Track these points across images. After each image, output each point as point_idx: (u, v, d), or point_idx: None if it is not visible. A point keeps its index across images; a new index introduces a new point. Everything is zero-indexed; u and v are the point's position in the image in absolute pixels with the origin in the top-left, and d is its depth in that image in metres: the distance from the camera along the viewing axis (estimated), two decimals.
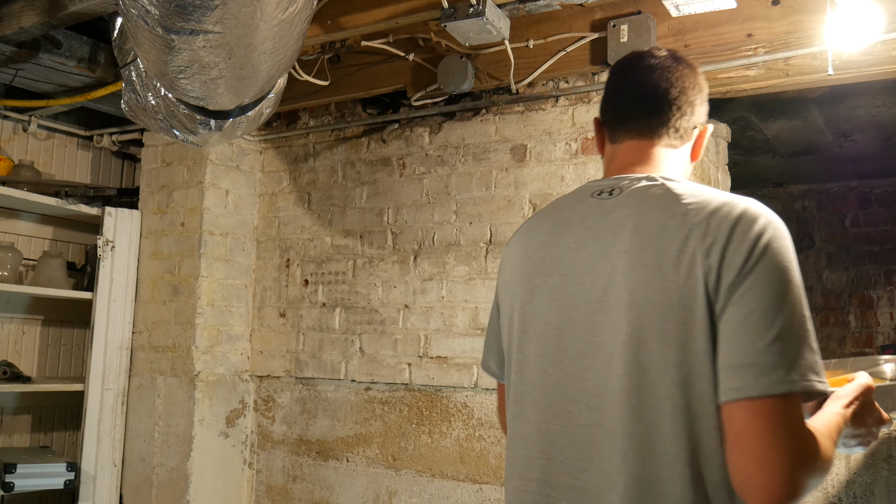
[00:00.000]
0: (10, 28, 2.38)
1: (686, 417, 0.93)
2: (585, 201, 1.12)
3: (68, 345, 3.36)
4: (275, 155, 3.25)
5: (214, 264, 3.07)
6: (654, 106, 1.15)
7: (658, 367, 0.95)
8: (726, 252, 0.93)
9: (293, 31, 1.83)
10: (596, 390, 1.00)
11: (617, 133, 1.19)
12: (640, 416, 0.95)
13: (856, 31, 2.04)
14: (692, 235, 0.96)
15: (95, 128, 3.41)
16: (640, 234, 1.00)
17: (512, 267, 1.18)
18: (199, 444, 2.95)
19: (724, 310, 0.92)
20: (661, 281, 0.96)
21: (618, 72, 1.24)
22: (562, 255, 1.09)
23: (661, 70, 1.16)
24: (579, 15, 2.49)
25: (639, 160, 1.14)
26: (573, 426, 1.02)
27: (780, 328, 0.90)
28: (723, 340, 0.92)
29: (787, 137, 3.98)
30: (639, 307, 0.97)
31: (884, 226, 4.91)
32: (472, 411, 2.62)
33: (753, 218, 0.96)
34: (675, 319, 0.94)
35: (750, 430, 0.88)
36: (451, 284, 2.72)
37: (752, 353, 0.89)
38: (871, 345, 4.86)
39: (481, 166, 2.71)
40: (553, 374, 1.05)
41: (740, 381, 0.89)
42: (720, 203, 0.98)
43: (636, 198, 1.06)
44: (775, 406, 0.88)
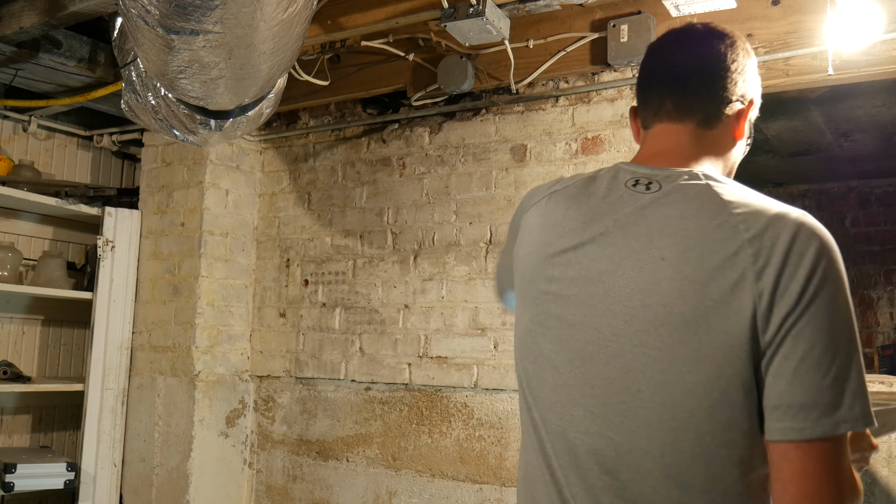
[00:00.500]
0: (10, 28, 2.37)
1: (710, 444, 0.88)
2: (618, 190, 1.01)
3: (68, 345, 3.36)
4: (275, 155, 3.25)
5: (214, 264, 3.07)
6: (688, 86, 1.05)
7: (684, 389, 0.89)
8: (781, 277, 0.86)
9: (293, 31, 1.83)
10: (605, 399, 0.94)
11: (647, 118, 1.10)
12: (659, 437, 0.90)
13: (856, 31, 2.04)
14: (742, 253, 0.88)
15: (95, 128, 3.42)
16: (681, 242, 0.92)
17: (529, 249, 1.08)
18: (199, 444, 2.95)
19: (780, 343, 0.86)
20: (701, 298, 0.89)
21: (648, 53, 1.13)
22: (585, 247, 1.00)
23: (689, 46, 1.07)
24: (579, 15, 2.49)
25: (673, 147, 1.05)
26: (573, 431, 0.97)
27: (841, 364, 0.85)
28: (777, 376, 0.86)
29: (787, 137, 3.99)
30: (672, 323, 0.90)
31: (884, 226, 4.92)
32: (472, 411, 2.62)
33: (809, 237, 0.88)
34: (711, 342, 0.88)
35: (807, 471, 0.85)
36: (451, 284, 2.72)
37: (814, 392, 0.84)
38: (871, 345, 4.87)
39: (481, 166, 2.71)
40: (563, 372, 0.99)
41: (801, 422, 0.84)
42: (773, 216, 0.90)
43: (677, 198, 0.96)
44: (832, 447, 0.85)
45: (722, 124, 1.06)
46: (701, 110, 1.05)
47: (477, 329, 2.64)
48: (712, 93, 1.04)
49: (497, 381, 2.57)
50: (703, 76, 1.05)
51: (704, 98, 1.05)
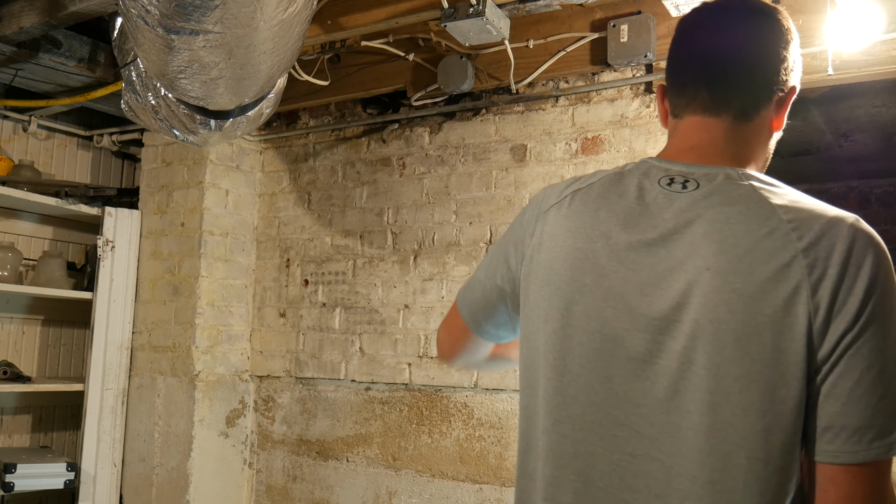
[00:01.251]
0: (10, 28, 2.37)
1: (763, 471, 0.82)
2: (652, 190, 0.94)
3: (68, 345, 3.36)
4: (275, 155, 3.25)
5: (214, 264, 3.07)
6: (720, 74, 0.96)
7: (736, 411, 0.83)
8: (839, 292, 0.81)
9: (293, 31, 1.83)
10: (652, 419, 0.87)
11: (678, 105, 1.00)
12: (709, 462, 0.84)
13: (856, 31, 2.04)
14: (795, 263, 0.82)
15: (95, 128, 3.42)
16: (728, 252, 0.85)
17: (554, 254, 0.97)
18: (199, 444, 2.95)
19: (836, 362, 0.81)
20: (753, 313, 0.82)
21: (682, 29, 1.02)
22: (621, 254, 0.92)
23: (731, 26, 0.96)
24: (579, 15, 2.49)
25: (707, 143, 0.96)
26: (618, 452, 0.89)
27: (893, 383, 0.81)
28: (831, 396, 0.81)
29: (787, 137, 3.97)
30: (722, 339, 0.83)
31: (884, 226, 4.92)
32: (472, 411, 2.62)
33: (866, 246, 0.83)
34: (764, 360, 0.82)
35: (855, 495, 0.81)
36: (451, 284, 2.72)
37: (870, 415, 0.80)
38: None
39: (481, 166, 2.71)
40: (600, 391, 0.91)
41: (854, 446, 0.80)
42: (826, 223, 0.84)
43: (719, 200, 0.89)
44: (882, 470, 0.82)
45: (760, 116, 0.97)
46: (740, 102, 0.96)
47: None
48: (754, 84, 0.96)
49: (497, 381, 2.57)
50: (746, 65, 0.95)
51: (745, 89, 0.96)
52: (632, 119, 2.45)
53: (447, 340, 1.20)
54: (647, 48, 2.32)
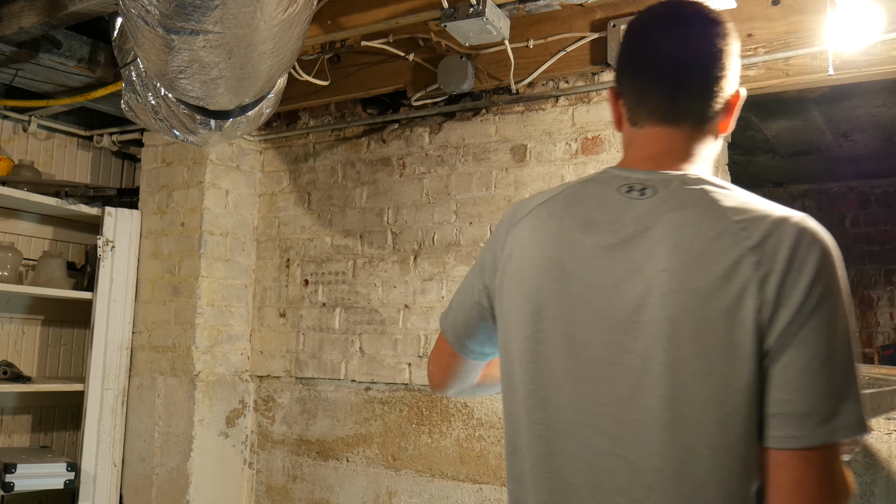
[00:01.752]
0: (10, 28, 2.38)
1: (724, 459, 0.86)
2: (612, 198, 0.98)
3: (68, 345, 3.36)
4: (275, 155, 3.25)
5: (214, 264, 3.07)
6: (682, 88, 0.99)
7: (696, 404, 0.87)
8: (784, 285, 0.85)
9: (293, 31, 1.83)
10: (616, 417, 0.92)
11: (638, 115, 1.03)
12: (672, 454, 0.88)
13: (856, 31, 2.04)
14: (744, 262, 0.86)
15: (95, 128, 3.42)
16: (682, 253, 0.90)
17: (524, 263, 1.02)
18: (199, 444, 2.95)
19: (781, 351, 0.85)
20: (707, 310, 0.87)
21: (635, 35, 1.05)
22: (585, 261, 0.96)
23: (687, 37, 1.00)
24: (579, 15, 2.49)
25: (667, 152, 1.00)
26: (585, 451, 0.94)
27: (841, 372, 0.85)
28: (778, 384, 0.85)
29: (787, 137, 3.99)
30: (679, 336, 0.88)
31: (884, 226, 4.92)
32: (472, 411, 2.62)
33: (810, 244, 0.87)
34: (719, 354, 0.86)
35: (803, 479, 0.85)
36: (451, 284, 2.72)
37: (814, 401, 0.84)
38: (872, 345, 4.87)
39: (481, 166, 2.71)
40: (568, 391, 0.96)
41: (799, 431, 0.84)
42: (773, 222, 0.89)
43: (674, 205, 0.93)
44: (828, 454, 0.85)
45: (713, 122, 1.02)
46: (698, 112, 1.00)
47: None
48: (710, 93, 1.00)
49: None
50: (703, 76, 0.99)
51: (703, 99, 1.00)
52: None
53: (437, 369, 1.23)
54: None
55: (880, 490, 2.08)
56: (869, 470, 2.10)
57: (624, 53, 1.06)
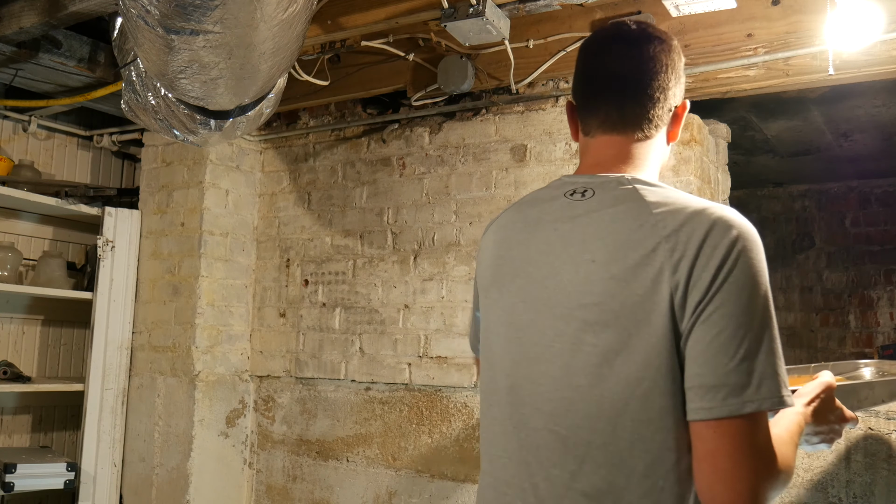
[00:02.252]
0: (10, 28, 2.37)
1: (646, 431, 0.94)
2: (558, 200, 1.09)
3: (68, 345, 3.36)
4: (275, 155, 3.25)
5: (214, 264, 3.07)
6: (628, 99, 1.10)
7: (619, 380, 0.95)
8: (694, 269, 0.92)
9: (293, 31, 1.83)
10: (549, 395, 1.01)
11: (589, 125, 1.14)
12: (599, 427, 0.96)
13: (856, 31, 2.04)
14: (660, 249, 0.95)
15: (95, 128, 3.42)
16: (609, 245, 0.99)
17: (485, 263, 1.17)
18: (199, 444, 2.95)
19: (691, 329, 0.92)
20: (627, 295, 0.95)
21: (587, 53, 1.16)
22: (531, 256, 1.08)
23: (632, 54, 1.10)
24: (579, 15, 2.49)
25: (613, 157, 1.10)
26: (524, 429, 1.03)
27: (749, 347, 0.90)
28: (690, 359, 0.92)
29: (787, 137, 3.99)
30: (604, 319, 0.97)
31: (884, 226, 4.91)
32: (472, 411, 2.62)
33: (723, 231, 0.94)
34: (639, 334, 0.94)
35: (717, 449, 0.90)
36: (451, 284, 2.72)
37: (721, 374, 0.90)
38: (871, 345, 4.87)
39: (481, 166, 2.71)
40: (512, 375, 1.06)
41: (709, 402, 0.90)
42: (690, 214, 0.96)
43: (606, 203, 1.03)
44: (743, 426, 0.89)
45: (658, 130, 1.12)
46: (644, 121, 1.10)
47: None
48: (655, 103, 1.09)
49: None
50: (647, 87, 1.09)
51: (648, 109, 1.10)
52: None
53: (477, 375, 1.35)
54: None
55: (880, 490, 2.08)
56: (869, 470, 2.10)
57: (578, 69, 1.17)
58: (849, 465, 2.12)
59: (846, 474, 2.12)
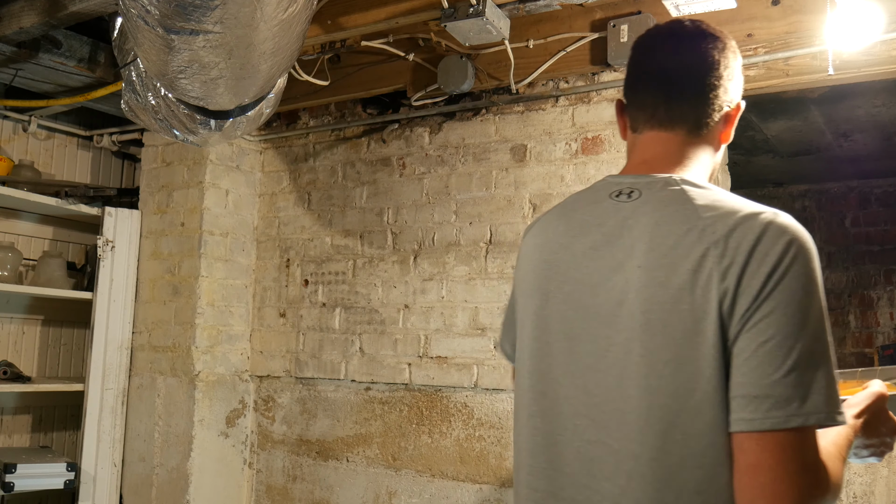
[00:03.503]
0: (10, 28, 2.37)
1: (697, 445, 0.89)
2: (603, 202, 1.05)
3: (68, 345, 3.36)
4: (275, 155, 3.25)
5: (214, 264, 3.07)
6: (677, 95, 1.06)
7: (670, 392, 0.91)
8: (744, 275, 0.88)
9: (293, 31, 1.83)
10: (603, 407, 0.97)
11: (637, 121, 1.10)
12: (649, 441, 0.92)
13: (856, 31, 2.04)
14: (709, 255, 0.90)
15: (95, 128, 3.41)
16: (655, 250, 0.95)
17: (527, 268, 1.12)
18: (199, 444, 2.95)
19: (738, 337, 0.88)
20: (675, 303, 0.91)
21: (639, 49, 1.13)
22: (577, 261, 1.03)
23: (684, 50, 1.07)
24: (579, 15, 2.49)
25: (661, 155, 1.06)
26: (578, 440, 0.99)
27: (797, 357, 0.86)
28: (736, 368, 0.88)
29: (787, 137, 3.99)
30: (652, 328, 0.93)
31: (884, 226, 4.92)
32: (472, 411, 2.62)
33: (775, 237, 0.90)
34: (688, 344, 0.90)
35: (760, 463, 0.86)
36: (451, 284, 2.72)
37: (767, 385, 0.85)
38: (871, 345, 4.87)
39: (481, 166, 2.71)
40: (564, 384, 1.02)
41: (752, 413, 0.86)
42: (741, 218, 0.92)
43: (654, 206, 0.99)
44: (787, 440, 0.85)
45: (710, 130, 1.08)
46: (693, 118, 1.06)
47: (477, 329, 2.64)
48: (705, 100, 1.06)
49: (497, 381, 2.57)
50: (697, 84, 1.06)
51: (697, 106, 1.06)
52: None
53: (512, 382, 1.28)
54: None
55: (880, 490, 2.08)
56: (869, 470, 2.10)
57: (629, 67, 1.14)
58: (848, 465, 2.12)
59: (846, 474, 2.12)
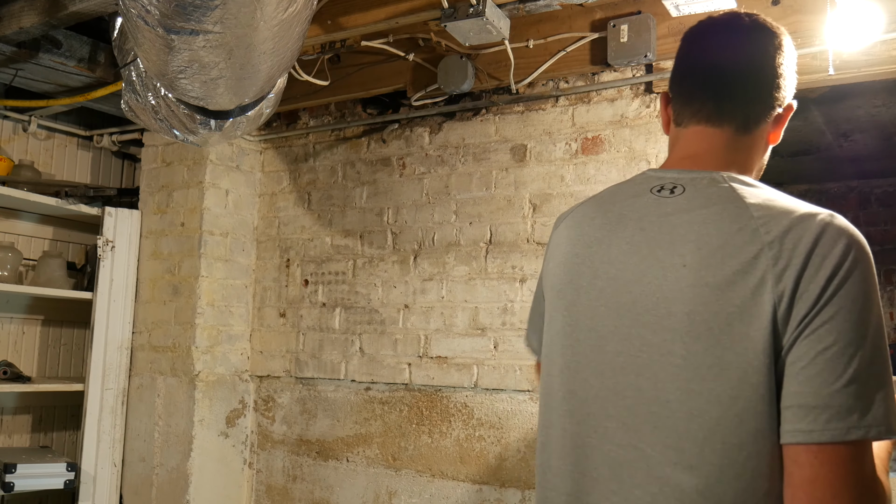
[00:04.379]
0: (10, 28, 2.37)
1: (738, 456, 0.85)
2: (644, 196, 1.00)
3: (68, 345, 3.36)
4: (275, 155, 3.25)
5: (214, 264, 3.07)
6: (727, 90, 1.01)
7: (710, 398, 0.87)
8: (801, 279, 0.84)
9: (293, 31, 1.83)
10: (636, 409, 0.92)
11: (682, 115, 1.05)
12: (686, 448, 0.87)
13: (856, 31, 2.04)
14: (762, 256, 0.86)
15: (95, 128, 3.41)
16: (702, 248, 0.90)
17: (558, 260, 1.07)
18: (199, 444, 2.95)
19: (794, 344, 0.84)
20: (723, 305, 0.86)
21: (689, 40, 1.08)
22: (613, 256, 0.99)
23: (737, 44, 1.02)
24: (579, 15, 2.49)
25: (706, 151, 1.02)
26: (608, 443, 0.95)
27: (858, 367, 0.81)
28: (791, 377, 0.84)
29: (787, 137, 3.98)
30: (696, 330, 0.88)
31: (884, 226, 4.92)
32: (472, 411, 2.62)
33: (834, 239, 0.85)
34: (735, 348, 0.85)
35: (817, 476, 0.81)
36: (451, 284, 2.72)
37: (826, 395, 0.81)
38: None
39: (481, 166, 2.71)
40: (594, 384, 0.97)
41: (810, 425, 0.82)
42: (796, 218, 0.88)
43: (699, 202, 0.94)
44: (846, 453, 0.81)
45: (759, 129, 1.03)
46: (742, 115, 1.01)
47: (477, 329, 2.64)
48: (758, 99, 1.01)
49: (497, 381, 2.57)
50: (752, 81, 1.01)
51: (749, 104, 1.01)
52: (632, 119, 2.45)
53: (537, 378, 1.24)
54: (647, 48, 2.32)
55: None
56: None
57: (678, 58, 1.08)
58: None
59: None
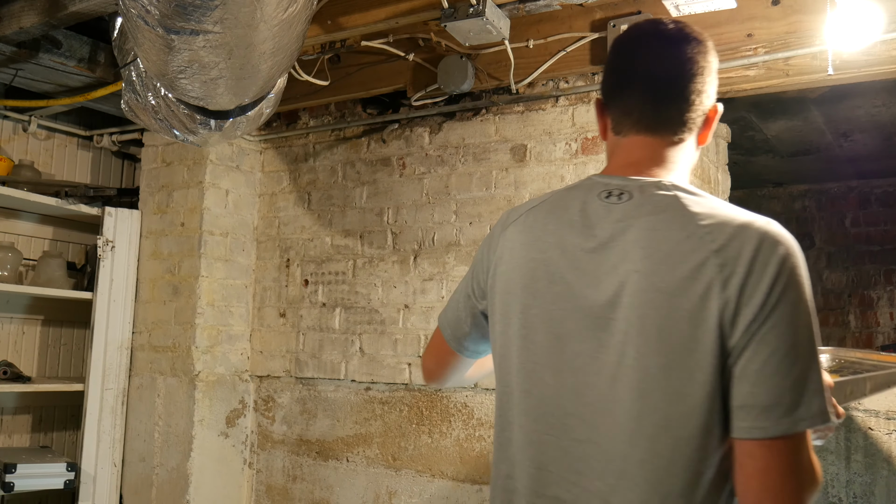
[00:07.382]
0: (10, 28, 2.38)
1: (686, 448, 0.93)
2: (592, 203, 1.05)
3: (68, 345, 3.36)
4: (275, 155, 3.25)
5: (214, 264, 3.07)
6: (665, 101, 1.07)
7: (661, 397, 0.93)
8: (746, 285, 0.91)
9: (293, 31, 1.83)
10: (594, 407, 0.99)
11: (622, 125, 1.10)
12: (639, 442, 0.95)
13: (856, 31, 2.04)
14: (709, 263, 0.92)
15: (95, 128, 3.41)
16: (652, 255, 0.96)
17: (512, 264, 1.11)
18: (199, 444, 2.95)
19: (744, 347, 0.91)
20: (672, 308, 0.93)
21: (623, 50, 1.12)
22: (568, 261, 1.03)
23: (670, 54, 1.07)
24: (579, 15, 2.49)
25: (647, 159, 1.07)
26: (566, 439, 1.01)
27: (802, 366, 0.90)
28: (742, 378, 0.91)
29: (787, 137, 3.99)
30: (647, 333, 0.94)
31: (884, 226, 4.92)
32: (472, 411, 2.62)
33: (773, 246, 0.93)
34: (683, 349, 0.93)
35: (770, 466, 0.90)
36: (451, 284, 2.72)
37: (776, 394, 0.89)
38: (872, 345, 4.87)
39: (481, 166, 2.71)
40: (552, 384, 1.03)
41: (763, 422, 0.90)
42: (738, 227, 0.94)
43: (647, 209, 1.00)
44: (794, 443, 0.90)
45: (692, 134, 1.09)
46: (678, 123, 1.07)
47: None
48: (689, 106, 1.07)
49: None
50: (685, 90, 1.06)
51: (682, 111, 1.07)
52: None
53: (433, 363, 1.32)
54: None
55: (880, 490, 2.08)
56: (869, 470, 2.10)
57: (610, 66, 1.13)
58: (849, 465, 2.12)
59: (846, 474, 2.12)
